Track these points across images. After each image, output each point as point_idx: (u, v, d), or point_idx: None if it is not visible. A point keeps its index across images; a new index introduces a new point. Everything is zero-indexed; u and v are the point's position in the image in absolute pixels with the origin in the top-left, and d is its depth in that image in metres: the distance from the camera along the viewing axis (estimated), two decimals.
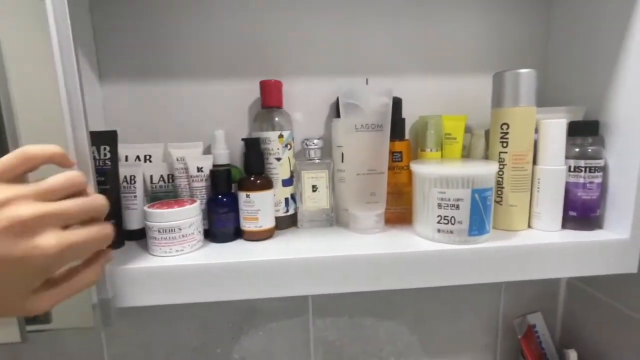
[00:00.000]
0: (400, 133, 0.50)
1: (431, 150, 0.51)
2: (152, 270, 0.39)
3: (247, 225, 0.45)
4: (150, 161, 0.49)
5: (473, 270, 0.41)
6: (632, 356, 0.51)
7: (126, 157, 0.48)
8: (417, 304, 0.63)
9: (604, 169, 0.45)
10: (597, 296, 0.58)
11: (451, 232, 0.41)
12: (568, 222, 0.45)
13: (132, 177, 0.46)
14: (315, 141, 0.49)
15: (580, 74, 0.50)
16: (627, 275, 0.52)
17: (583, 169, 0.44)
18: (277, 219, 0.48)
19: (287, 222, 0.50)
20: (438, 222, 0.42)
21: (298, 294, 0.40)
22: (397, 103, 0.50)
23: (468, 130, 0.54)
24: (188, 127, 0.52)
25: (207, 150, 0.49)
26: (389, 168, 0.50)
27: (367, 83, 0.52)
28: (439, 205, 0.41)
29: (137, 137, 0.51)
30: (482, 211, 0.41)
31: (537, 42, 0.57)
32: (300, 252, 0.40)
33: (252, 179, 0.45)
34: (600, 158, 0.44)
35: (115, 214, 0.43)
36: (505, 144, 0.45)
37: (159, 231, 0.40)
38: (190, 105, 0.53)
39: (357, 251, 0.41)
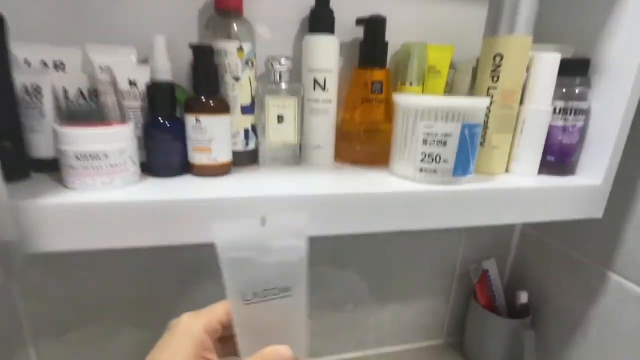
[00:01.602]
0: (381, 59, 0.44)
1: (411, 84, 0.46)
2: (69, 206, 0.29)
3: (197, 158, 0.36)
4: (64, 70, 0.37)
5: (452, 213, 0.38)
6: (576, 295, 0.55)
7: (26, 61, 0.35)
8: (378, 249, 0.61)
9: (587, 113, 0.43)
10: (548, 242, 0.60)
11: (434, 171, 0.37)
12: (544, 167, 0.44)
13: (36, 89, 0.34)
14: (283, 61, 0.41)
15: (572, 11, 0.46)
16: (580, 221, 0.54)
17: (568, 111, 0.42)
18: (235, 154, 0.41)
19: (246, 159, 0.43)
20: (421, 161, 0.37)
21: None
22: (379, 22, 0.43)
23: (452, 65, 0.48)
24: (117, 28, 0.40)
25: (143, 62, 0.39)
26: (365, 100, 0.43)
27: (263, 224, 0.28)
28: (425, 142, 0.37)
29: (45, 37, 0.38)
30: (469, 149, 0.37)
31: None
32: (262, 190, 0.34)
33: (203, 99, 0.36)
34: (586, 100, 0.42)
35: (11, 134, 0.32)
36: (496, 79, 0.40)
37: (76, 157, 0.30)
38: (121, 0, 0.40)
39: (326, 190, 0.35)
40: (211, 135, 0.36)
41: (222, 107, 0.36)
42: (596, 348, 0.52)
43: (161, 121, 0.35)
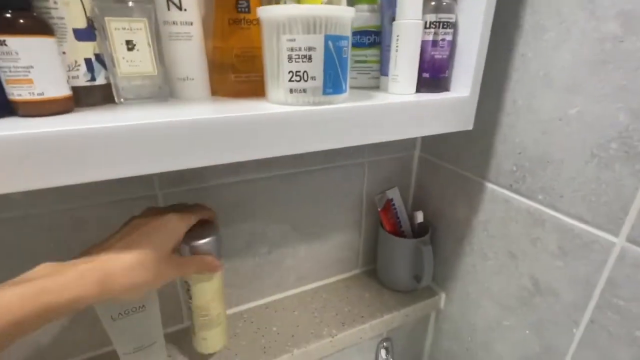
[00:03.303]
0: None
1: (286, 2, 0.42)
2: None
3: (15, 93, 0.30)
4: None
5: (330, 134, 0.37)
6: (463, 208, 0.60)
7: None
8: (285, 191, 0.60)
9: (454, 26, 0.44)
10: (441, 165, 0.64)
11: (304, 90, 0.35)
12: (421, 85, 0.45)
13: None
14: None
15: None
16: (465, 142, 0.58)
17: (437, 24, 0.42)
18: (79, 90, 0.34)
19: (97, 96, 0.37)
20: (290, 80, 0.35)
21: (125, 174, 0.30)
22: None
23: None
24: None
25: None
26: (233, 22, 0.39)
27: None
28: (290, 58, 0.34)
29: None
30: (337, 64, 0.35)
31: None
32: (115, 121, 0.29)
33: (8, 15, 0.28)
34: (453, 13, 0.42)
35: None
36: None
37: None
38: None
39: (194, 115, 0.31)
40: (27, 61, 0.29)
41: (39, 27, 0.30)
42: (479, 253, 0.58)
43: None
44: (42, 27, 0.30)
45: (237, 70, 0.41)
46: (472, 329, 0.63)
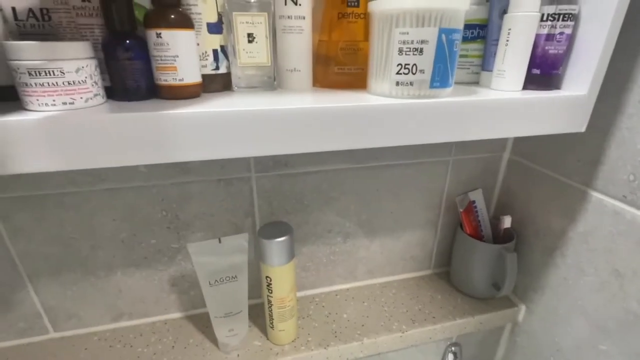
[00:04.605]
0: None
1: None
2: (27, 124, 0.28)
3: (162, 78, 0.35)
4: None
5: (432, 128, 0.37)
6: (557, 217, 0.56)
7: None
8: (365, 182, 0.61)
9: (576, 18, 0.40)
10: (533, 168, 0.60)
11: (411, 83, 0.36)
12: (529, 81, 0.42)
13: None
14: None
15: None
16: (563, 143, 0.53)
17: (556, 17, 0.39)
18: (205, 77, 0.39)
19: (217, 83, 0.41)
20: (397, 73, 0.36)
21: (235, 155, 0.33)
22: None
23: None
24: None
25: None
26: (342, 16, 0.41)
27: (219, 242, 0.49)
28: (400, 51, 0.35)
29: None
30: (447, 58, 0.35)
31: None
32: (233, 106, 0.33)
33: (163, 12, 0.33)
34: (575, 4, 0.39)
35: None
36: None
37: (29, 73, 0.29)
38: None
39: (299, 105, 0.34)
40: (175, 51, 0.34)
41: (185, 21, 0.34)
42: (574, 267, 0.54)
43: (120, 38, 0.33)
44: (186, 21, 0.34)
45: (340, 62, 0.43)
46: (556, 348, 0.58)
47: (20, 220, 0.49)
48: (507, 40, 0.40)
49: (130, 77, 0.34)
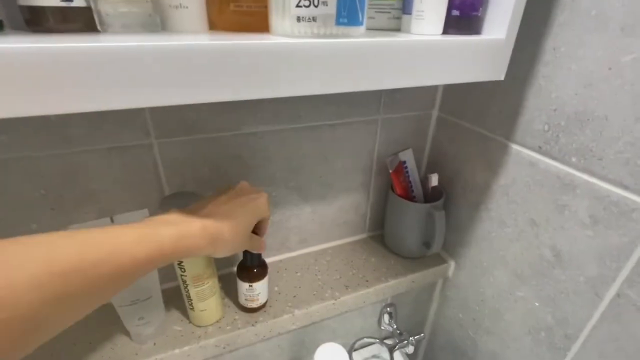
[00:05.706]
0: None
1: None
2: None
3: None
4: None
5: (341, 73, 0.32)
6: (481, 172, 0.56)
7: None
8: (291, 147, 0.56)
9: None
10: (461, 124, 0.59)
11: (313, 19, 0.30)
12: (449, 25, 0.39)
13: None
14: None
15: None
16: (490, 99, 0.52)
17: None
18: (50, 11, 0.30)
19: (76, 21, 0.32)
20: (297, 6, 0.30)
21: (125, 106, 0.26)
22: None
23: None
24: None
25: None
26: None
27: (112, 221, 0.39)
28: None
29: None
30: None
31: None
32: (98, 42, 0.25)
33: None
34: None
35: None
36: None
37: None
38: None
39: (184, 42, 0.27)
40: None
41: None
42: (496, 220, 0.54)
43: None
44: None
45: (237, 0, 0.36)
46: (480, 298, 0.61)
47: None
48: None
49: None
